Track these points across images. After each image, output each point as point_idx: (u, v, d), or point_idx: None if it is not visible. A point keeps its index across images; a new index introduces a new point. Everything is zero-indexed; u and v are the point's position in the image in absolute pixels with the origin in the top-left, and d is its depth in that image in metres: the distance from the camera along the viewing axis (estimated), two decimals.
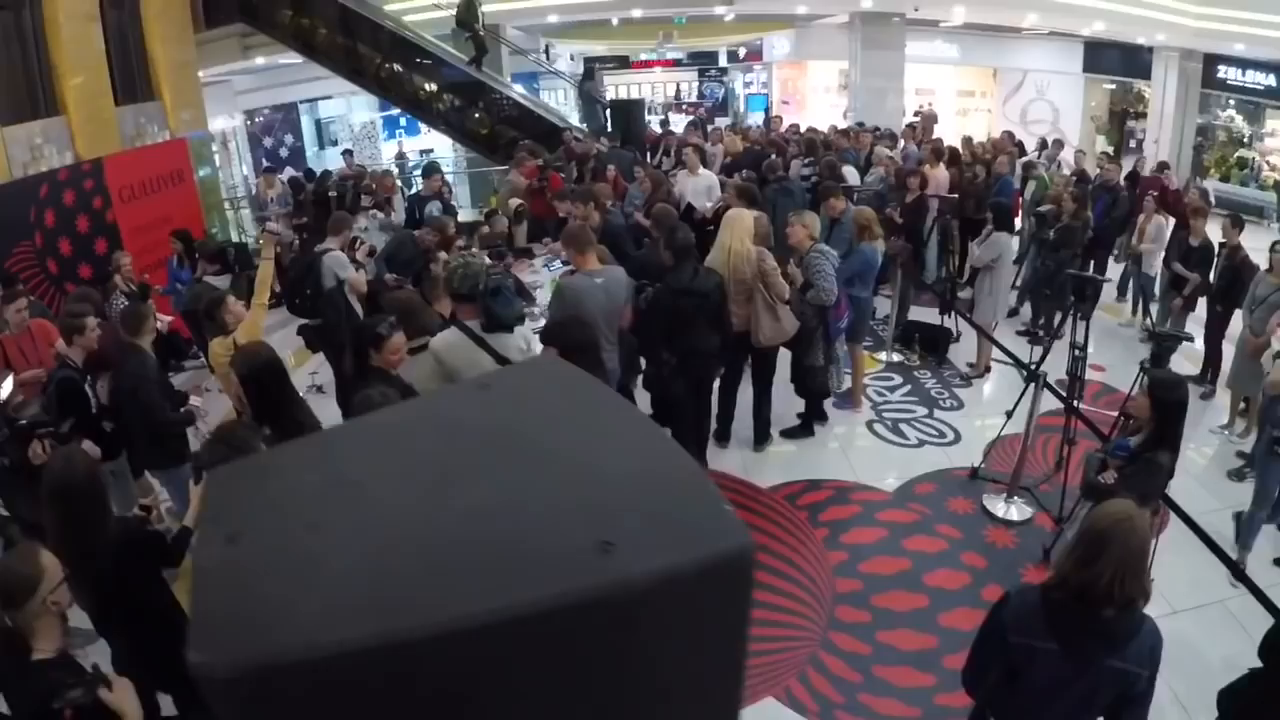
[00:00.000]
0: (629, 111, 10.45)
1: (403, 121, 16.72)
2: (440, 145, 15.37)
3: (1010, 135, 9.57)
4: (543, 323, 4.77)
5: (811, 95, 17.94)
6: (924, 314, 6.99)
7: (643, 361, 4.32)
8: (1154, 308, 6.97)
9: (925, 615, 3.84)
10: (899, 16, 12.45)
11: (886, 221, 6.36)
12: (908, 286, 6.59)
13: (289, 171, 13.90)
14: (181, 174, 8.79)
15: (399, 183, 9.51)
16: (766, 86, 19.54)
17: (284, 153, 14.69)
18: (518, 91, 11.67)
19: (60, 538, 2.43)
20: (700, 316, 4.00)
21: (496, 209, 7.55)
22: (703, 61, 20.56)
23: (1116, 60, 14.06)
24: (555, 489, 0.71)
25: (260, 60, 12.04)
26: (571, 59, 18.09)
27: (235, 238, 10.12)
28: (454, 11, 10.66)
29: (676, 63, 20.75)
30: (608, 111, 11.33)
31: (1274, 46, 10.92)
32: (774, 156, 8.56)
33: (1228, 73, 12.78)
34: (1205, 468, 5.36)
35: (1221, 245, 5.99)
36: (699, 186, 7.27)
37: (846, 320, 4.73)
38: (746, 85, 20.41)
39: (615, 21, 14.96)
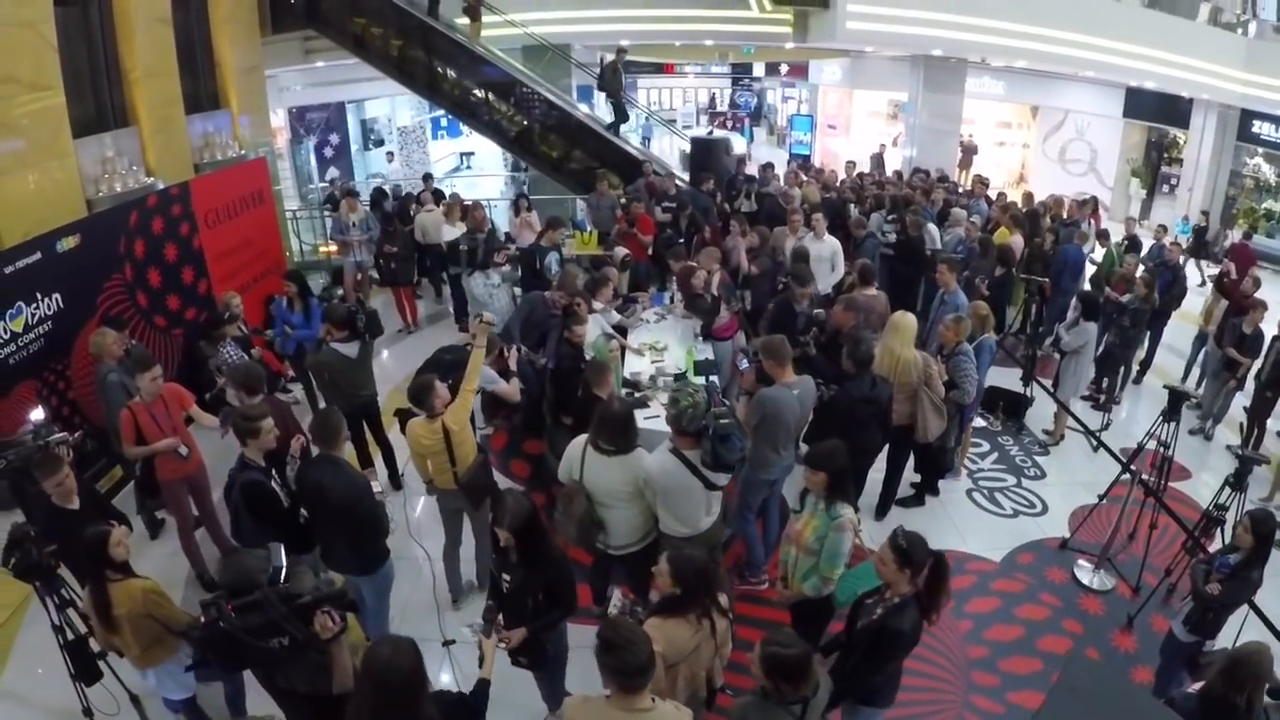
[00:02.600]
0: (710, 149, 11.14)
1: (444, 122, 17.30)
2: (482, 149, 15.98)
3: (1077, 204, 10.58)
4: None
5: (857, 119, 18.94)
6: (995, 375, 7.93)
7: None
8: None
9: (1042, 677, 4.76)
10: (957, 59, 13.55)
11: (975, 293, 7.37)
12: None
13: (332, 171, 14.45)
14: (262, 194, 8.79)
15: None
16: (807, 103, 20.45)
17: (328, 152, 15.17)
18: (584, 112, 12.35)
19: None
20: (873, 421, 4.88)
21: (605, 258, 8.20)
22: (737, 70, 21.34)
23: (1157, 106, 15.26)
24: None
25: (320, 63, 12.52)
26: (600, 58, 18.73)
27: (295, 249, 10.64)
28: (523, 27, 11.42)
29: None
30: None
31: None
32: (854, 210, 9.52)
33: (1262, 128, 14.13)
34: None
35: (1275, 339, 7.05)
36: (822, 253, 7.73)
37: (974, 410, 5.68)
38: (785, 100, 21.28)
39: (678, 42, 15.74)
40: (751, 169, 12.07)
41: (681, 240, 8.80)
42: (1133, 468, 5.75)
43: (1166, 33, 13.25)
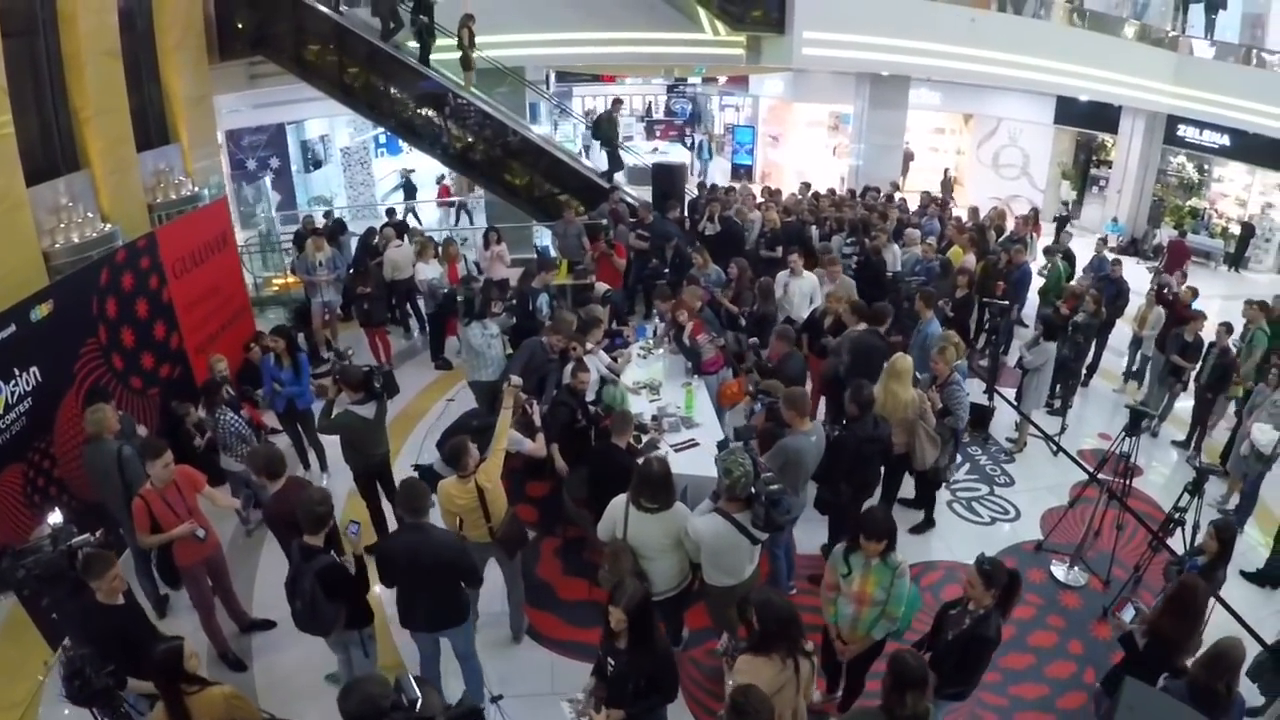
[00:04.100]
0: (671, 174, 11.58)
1: (382, 139, 17.47)
2: (422, 166, 16.16)
3: (1023, 220, 11.60)
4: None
5: (795, 130, 19.90)
6: None
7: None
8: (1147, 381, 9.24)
9: (1036, 670, 5.52)
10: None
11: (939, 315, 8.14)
12: None
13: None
14: (225, 238, 8.84)
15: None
16: (743, 111, 21.25)
17: (267, 176, 14.98)
18: (539, 135, 12.70)
19: None
20: (876, 457, 5.54)
21: (581, 288, 8.62)
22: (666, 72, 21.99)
23: (1087, 113, 16.63)
24: None
25: (266, 88, 12.47)
26: (547, 74, 19.17)
27: (250, 285, 10.58)
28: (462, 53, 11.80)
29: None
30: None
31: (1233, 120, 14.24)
32: (815, 233, 10.22)
33: (1186, 131, 15.69)
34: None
35: (1212, 345, 8.05)
36: (803, 289, 8.32)
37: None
38: (723, 108, 22.12)
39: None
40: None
41: (668, 270, 9.27)
42: (1099, 477, 6.58)
43: (1102, 51, 14.72)
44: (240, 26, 11.00)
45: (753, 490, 4.24)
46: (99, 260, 6.84)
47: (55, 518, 4.67)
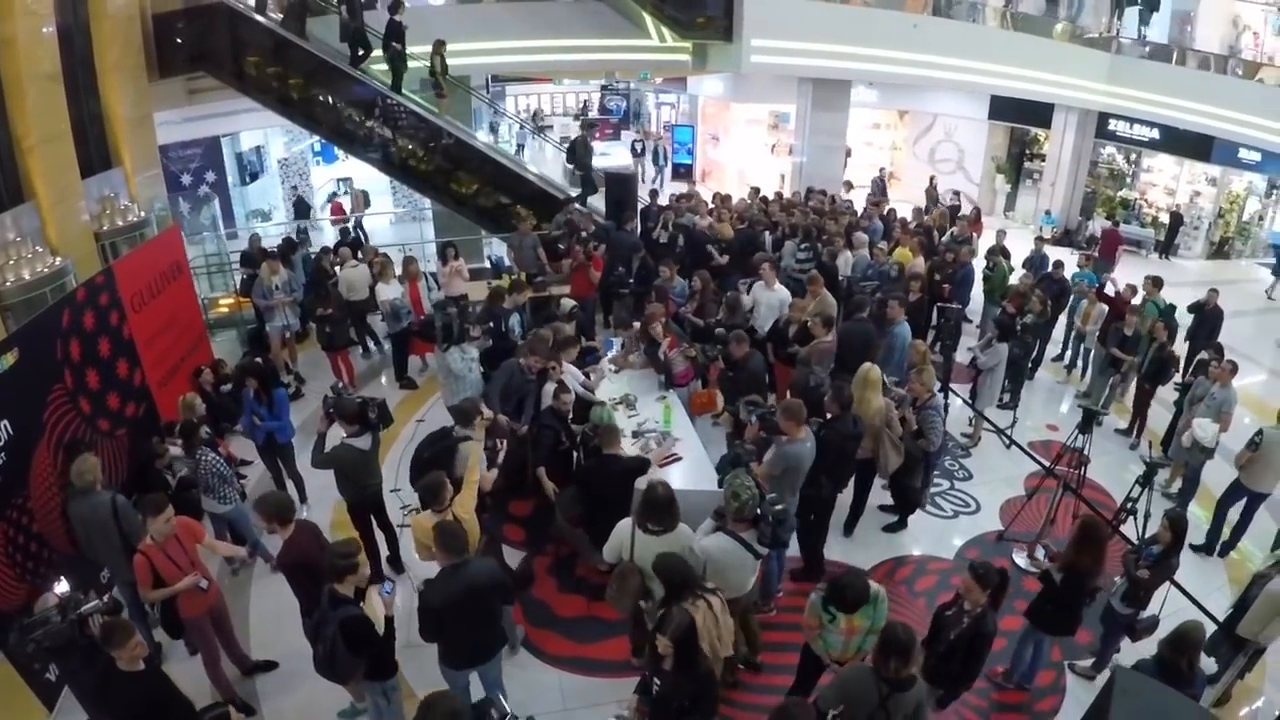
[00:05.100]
0: (624, 184, 11.58)
1: (317, 147, 17.39)
2: (359, 175, 16.10)
3: (966, 221, 12.32)
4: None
5: (735, 128, 20.45)
6: None
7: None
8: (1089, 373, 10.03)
9: (1008, 652, 5.94)
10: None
11: None
12: None
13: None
14: (179, 266, 8.78)
15: None
16: (676, 108, 21.64)
17: (202, 191, 14.84)
18: (484, 143, 12.83)
19: None
20: (855, 454, 6.04)
21: (544, 301, 8.85)
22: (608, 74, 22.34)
23: (1020, 108, 17.51)
24: None
25: (206, 103, 12.29)
26: (487, 78, 19.32)
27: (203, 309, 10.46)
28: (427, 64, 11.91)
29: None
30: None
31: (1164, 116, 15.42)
32: (768, 239, 10.67)
33: (1117, 126, 16.79)
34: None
35: (1152, 340, 8.75)
36: (772, 300, 8.61)
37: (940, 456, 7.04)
38: (659, 105, 22.52)
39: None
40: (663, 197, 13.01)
41: (632, 280, 9.54)
42: (1056, 470, 7.21)
43: (1041, 53, 15.73)
44: (180, 42, 10.83)
45: (759, 511, 4.64)
46: (59, 301, 6.71)
47: (62, 587, 4.70)
